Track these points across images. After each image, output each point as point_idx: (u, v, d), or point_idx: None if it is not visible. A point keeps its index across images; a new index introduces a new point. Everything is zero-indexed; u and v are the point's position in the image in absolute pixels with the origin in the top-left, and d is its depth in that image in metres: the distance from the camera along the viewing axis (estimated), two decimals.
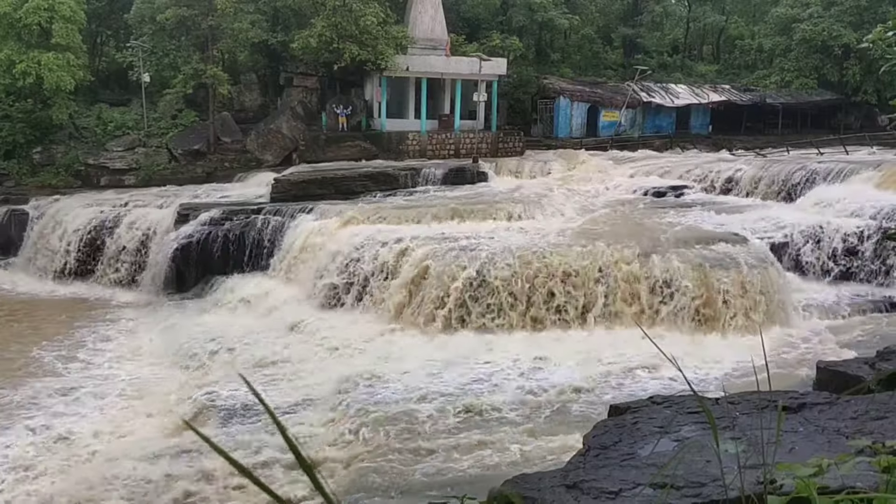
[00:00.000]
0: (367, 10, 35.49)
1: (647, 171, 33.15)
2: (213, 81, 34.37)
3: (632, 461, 3.79)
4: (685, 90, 47.45)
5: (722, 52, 57.20)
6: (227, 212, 25.74)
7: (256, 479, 1.30)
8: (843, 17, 47.00)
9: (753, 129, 48.20)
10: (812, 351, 15.93)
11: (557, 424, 13.11)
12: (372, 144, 36.91)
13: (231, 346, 18.20)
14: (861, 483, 2.64)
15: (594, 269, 18.64)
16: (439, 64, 38.62)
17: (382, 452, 12.32)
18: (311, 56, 36.55)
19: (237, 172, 34.83)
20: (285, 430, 1.30)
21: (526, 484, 3.68)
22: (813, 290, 19.99)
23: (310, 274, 21.76)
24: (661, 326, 17.75)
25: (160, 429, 14.41)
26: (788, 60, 49.42)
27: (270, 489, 1.32)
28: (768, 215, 23.65)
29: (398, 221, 23.23)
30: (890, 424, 4.04)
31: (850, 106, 48.84)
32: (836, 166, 27.48)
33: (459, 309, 18.38)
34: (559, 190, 30.09)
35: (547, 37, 49.50)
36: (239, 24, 35.58)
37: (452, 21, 41.97)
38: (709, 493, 3.12)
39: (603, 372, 15.36)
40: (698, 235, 20.80)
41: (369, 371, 15.82)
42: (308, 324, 19.49)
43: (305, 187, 28.53)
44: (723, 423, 4.03)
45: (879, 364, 7.05)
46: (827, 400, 4.67)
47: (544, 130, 45.04)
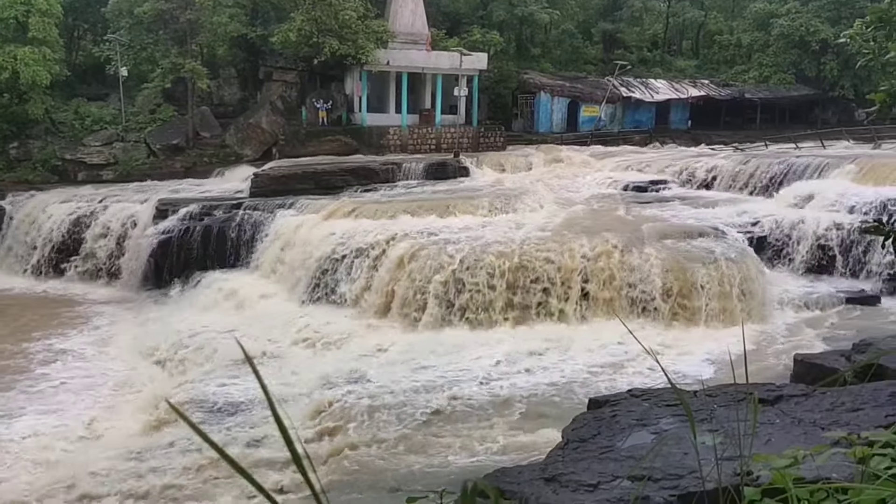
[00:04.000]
0: (346, 4, 35.34)
1: (627, 166, 33.32)
2: (192, 76, 34.08)
3: (610, 454, 3.80)
4: (665, 85, 47.67)
5: (701, 48, 57.47)
6: (206, 207, 25.56)
7: (241, 467, 1.30)
8: (821, 13, 47.41)
9: (732, 124, 48.53)
10: (789, 344, 16.07)
11: (538, 418, 13.15)
12: (352, 139, 36.78)
13: (211, 342, 18.07)
14: (836, 474, 2.67)
15: (575, 263, 18.70)
16: (420, 58, 38.53)
17: (365, 447, 12.32)
18: (291, 50, 36.34)
19: (216, 167, 34.59)
20: (280, 420, 1.30)
21: (506, 477, 3.69)
22: (790, 284, 20.16)
23: (291, 269, 21.68)
24: (641, 319, 17.86)
25: (139, 425, 14.32)
26: (767, 56, 49.79)
27: (253, 478, 1.31)
28: (747, 209, 23.83)
29: (379, 216, 23.16)
30: (865, 416, 4.09)
31: (828, 101, 49.29)
32: (813, 161, 27.74)
33: (441, 303, 18.38)
34: (540, 184, 30.15)
35: (527, 31, 49.51)
36: (218, 18, 35.31)
37: (433, 15, 41.87)
38: (686, 485, 3.14)
39: (583, 365, 15.43)
40: (677, 230, 20.91)
41: (351, 366, 15.81)
42: (290, 319, 19.41)
43: (285, 182, 28.41)
44: (700, 415, 4.05)
45: (855, 356, 7.12)
46: (803, 392, 4.71)
47: (525, 125, 45.10)
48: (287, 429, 1.32)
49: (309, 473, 1.28)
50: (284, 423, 1.36)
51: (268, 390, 1.30)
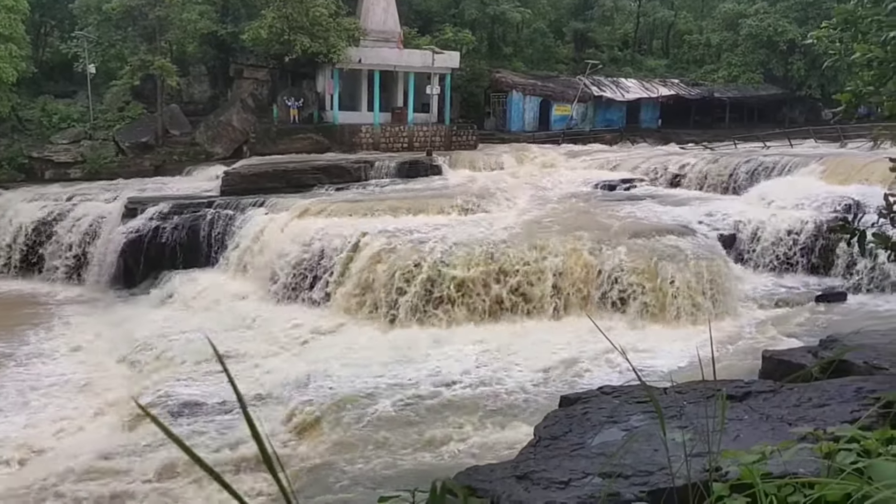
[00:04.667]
0: (317, 1, 35.19)
1: (599, 165, 33.56)
2: (161, 73, 33.73)
3: (581, 451, 3.83)
4: (635, 84, 48.03)
5: (671, 47, 57.99)
6: (176, 205, 25.29)
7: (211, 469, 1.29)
8: (789, 13, 48.04)
9: (702, 123, 49.03)
10: (758, 340, 16.25)
11: (511, 416, 13.19)
12: (324, 137, 36.62)
13: (182, 342, 17.89)
14: (803, 469, 2.70)
15: (547, 261, 18.78)
16: (392, 56, 38.46)
17: (337, 447, 12.28)
18: (262, 48, 36.12)
19: (186, 165, 34.30)
20: (251, 419, 1.29)
21: (478, 476, 3.70)
22: (759, 281, 20.41)
23: (262, 268, 21.55)
24: (612, 317, 17.97)
25: (109, 426, 14.16)
26: (735, 55, 50.36)
27: (224, 480, 1.30)
28: (716, 208, 24.07)
29: (351, 215, 23.09)
30: (831, 411, 4.15)
31: (795, 100, 49.95)
32: (781, 159, 28.10)
33: (414, 302, 18.36)
34: (512, 183, 30.25)
35: (499, 30, 49.64)
36: (187, 15, 34.96)
37: (404, 14, 41.82)
38: (656, 482, 3.17)
39: (555, 362, 15.49)
40: (648, 228, 21.08)
41: (323, 365, 15.74)
42: (261, 318, 19.29)
43: (256, 180, 28.22)
44: (670, 412, 4.09)
45: (822, 352, 7.22)
46: (771, 388, 4.77)
47: (497, 124, 45.21)
48: (257, 428, 1.31)
49: (279, 474, 1.27)
50: (255, 423, 1.35)
51: (238, 389, 1.29)
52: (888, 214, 5.17)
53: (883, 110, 5.41)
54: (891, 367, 5.99)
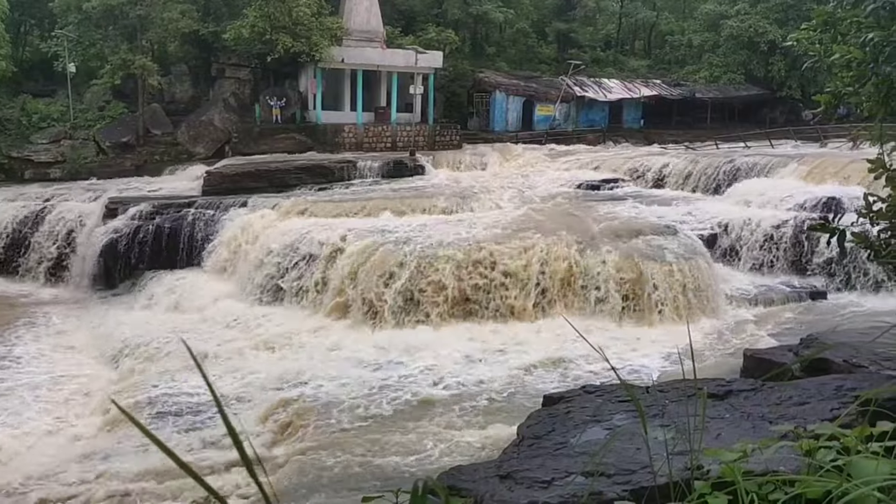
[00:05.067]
0: (300, 0, 35.08)
1: (582, 165, 33.66)
2: (142, 72, 33.53)
3: (564, 450, 3.84)
4: (617, 85, 48.21)
5: (653, 48, 58.26)
6: (157, 205, 25.13)
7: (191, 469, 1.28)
8: (769, 14, 48.38)
9: (683, 123, 49.27)
10: (739, 339, 16.38)
11: (495, 415, 13.20)
12: (307, 137, 36.52)
13: (163, 343, 17.78)
14: (784, 466, 2.72)
15: (530, 261, 18.81)
16: (375, 56, 38.41)
17: (320, 448, 12.24)
18: (244, 47, 35.98)
19: (168, 165, 34.11)
20: (229, 421, 1.28)
21: (461, 475, 3.70)
22: (740, 281, 20.55)
23: (244, 269, 21.45)
24: (595, 317, 18.03)
25: (91, 428, 14.04)
26: (717, 56, 50.66)
27: (204, 480, 1.29)
28: (697, 208, 24.23)
29: (334, 215, 23.04)
30: (811, 409, 4.18)
31: (776, 101, 50.30)
32: (762, 160, 28.31)
33: (397, 303, 18.34)
34: (496, 182, 30.29)
35: (482, 30, 49.69)
36: (169, 14, 34.76)
37: (388, 13, 41.78)
38: (639, 480, 3.18)
39: (539, 362, 15.53)
40: (630, 228, 21.16)
41: (306, 366, 15.69)
42: (244, 319, 19.20)
43: (238, 180, 28.10)
44: (652, 411, 4.11)
45: (802, 351, 7.28)
46: (752, 387, 4.81)
47: (480, 124, 45.24)
48: (235, 430, 1.31)
49: (259, 475, 1.27)
50: (236, 425, 1.35)
51: (215, 391, 1.29)
52: (868, 214, 5.22)
53: (862, 111, 5.46)
54: (870, 365, 6.05)
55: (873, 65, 4.99)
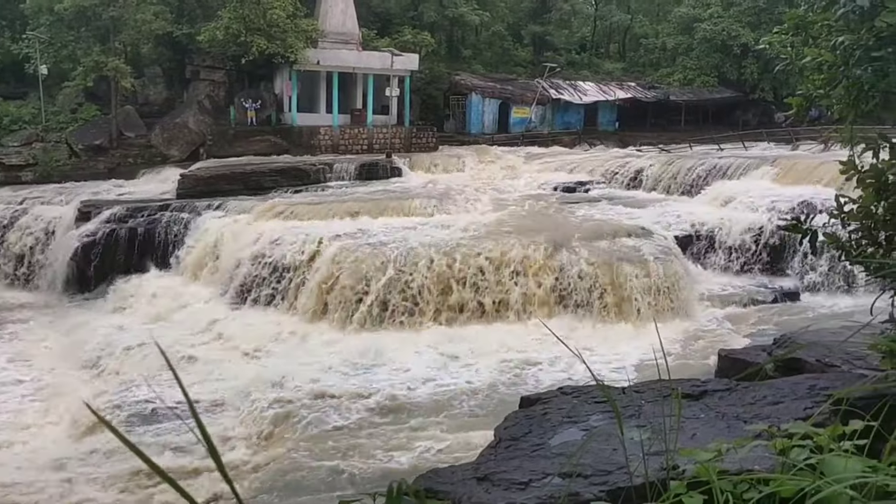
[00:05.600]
0: (275, 2, 34.90)
1: (557, 167, 33.80)
2: (115, 74, 33.17)
3: (541, 451, 3.85)
4: (593, 87, 48.46)
5: (628, 50, 58.62)
6: (131, 209, 24.90)
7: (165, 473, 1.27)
8: (742, 18, 48.85)
9: (658, 126, 49.62)
10: (714, 339, 16.51)
11: (473, 418, 13.22)
12: (282, 139, 36.34)
13: (137, 347, 17.61)
14: (759, 465, 2.75)
15: (507, 263, 18.85)
16: (351, 58, 38.32)
17: (297, 451, 12.18)
18: (218, 49, 35.72)
19: (141, 168, 33.78)
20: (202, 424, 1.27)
21: (439, 478, 3.70)
22: (714, 282, 20.72)
23: (220, 272, 21.30)
24: (571, 318, 18.11)
25: (63, 434, 13.87)
26: (690, 59, 51.06)
27: (177, 483, 1.28)
28: (671, 209, 24.42)
29: (310, 217, 22.94)
30: (784, 408, 4.23)
31: (749, 103, 50.79)
32: (735, 162, 28.58)
33: (374, 305, 18.29)
34: (473, 185, 30.33)
35: (458, 33, 49.75)
36: (142, 16, 34.43)
37: (363, 15, 41.70)
38: (615, 481, 3.20)
39: (517, 364, 15.57)
40: (606, 229, 21.28)
41: (283, 370, 15.60)
42: (219, 323, 19.05)
43: (213, 183, 27.92)
44: (629, 411, 4.13)
45: (776, 351, 7.35)
46: (727, 387, 4.85)
47: (457, 126, 45.29)
48: (208, 433, 1.30)
49: (233, 481, 1.26)
50: (210, 430, 1.33)
51: (188, 395, 1.27)
52: (839, 215, 5.28)
53: (833, 113, 5.53)
54: (842, 365, 6.12)
55: (843, 68, 5.05)
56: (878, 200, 4.98)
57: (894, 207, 4.90)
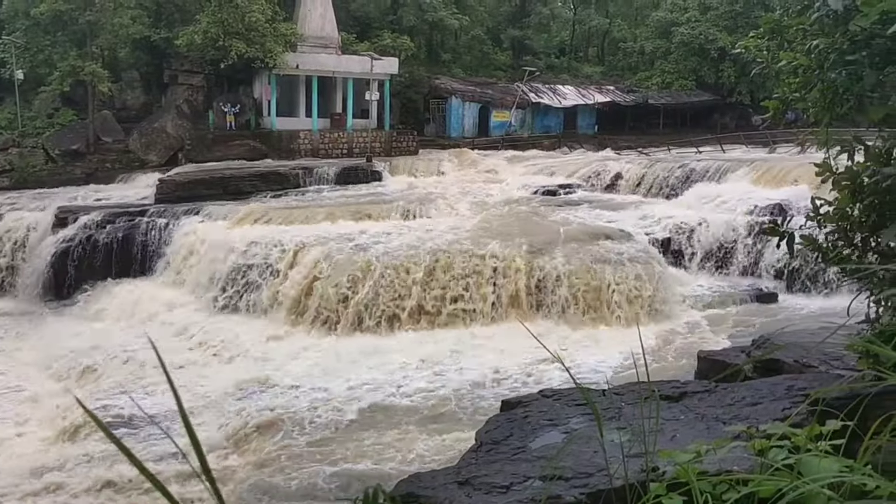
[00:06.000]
0: (254, 6, 34.82)
1: (538, 171, 33.89)
2: (92, 79, 32.93)
3: (522, 454, 3.85)
4: (572, 91, 48.68)
5: (606, 54, 58.93)
6: (109, 214, 24.68)
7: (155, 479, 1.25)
8: (719, 22, 49.27)
9: (637, 129, 49.92)
10: (693, 341, 16.59)
11: (454, 422, 13.21)
12: (262, 143, 36.21)
13: (116, 353, 17.45)
14: (737, 466, 2.76)
15: (488, 267, 18.87)
16: (330, 62, 38.27)
17: (279, 457, 12.12)
18: (197, 53, 35.56)
19: (119, 173, 33.55)
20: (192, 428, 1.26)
21: (420, 482, 3.69)
22: (694, 283, 20.85)
23: (199, 278, 21.16)
24: (552, 320, 18.15)
25: (40, 442, 13.72)
26: (668, 62, 51.43)
27: (163, 486, 1.27)
28: (651, 212, 24.55)
29: (290, 222, 22.86)
30: (763, 409, 4.26)
31: (726, 106, 51.21)
32: (713, 164, 28.79)
33: (356, 310, 18.25)
34: (453, 188, 30.35)
35: (438, 37, 49.83)
36: (119, 20, 34.22)
37: (343, 19, 41.67)
38: (596, 483, 3.21)
39: (498, 367, 15.56)
40: (586, 232, 21.36)
41: (264, 375, 15.52)
42: (199, 329, 18.92)
43: (192, 188, 27.74)
44: (609, 413, 4.15)
45: (754, 352, 7.40)
46: (706, 388, 4.88)
47: (437, 130, 45.34)
48: (198, 438, 1.29)
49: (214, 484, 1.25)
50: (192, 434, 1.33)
51: (179, 398, 1.26)
52: (815, 217, 5.33)
53: (809, 116, 5.58)
54: (820, 365, 6.17)
55: (819, 71, 5.10)
56: (853, 202, 5.03)
57: (869, 209, 4.95)
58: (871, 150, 4.88)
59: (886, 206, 4.78)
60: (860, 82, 4.76)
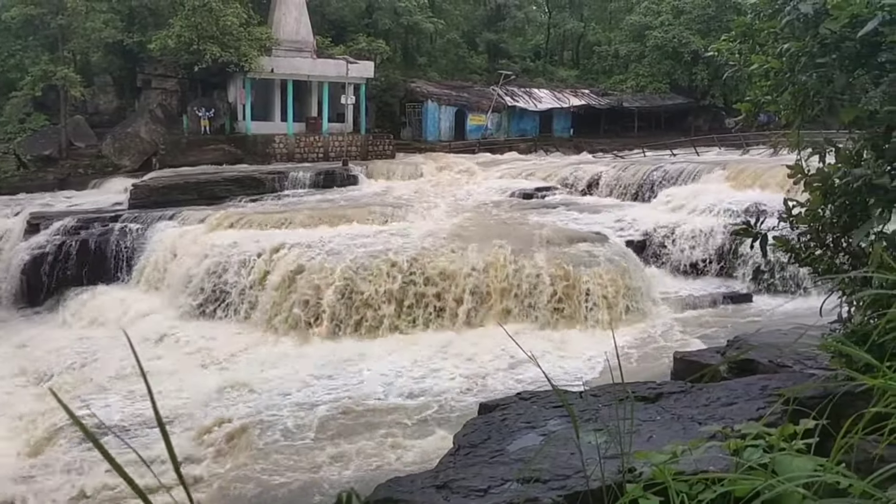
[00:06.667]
0: (228, 10, 34.64)
1: (514, 174, 34.00)
2: (65, 83, 32.62)
3: (500, 457, 3.85)
4: (547, 94, 48.91)
5: (581, 58, 59.26)
6: (82, 220, 24.44)
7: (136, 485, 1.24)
8: (692, 25, 49.75)
9: (612, 132, 50.25)
10: (669, 342, 16.69)
11: (434, 425, 13.18)
12: (237, 148, 36.01)
13: (91, 361, 17.26)
14: (713, 466, 2.78)
15: (465, 270, 18.88)
16: (305, 66, 38.16)
17: (256, 464, 12.03)
18: (171, 57, 35.33)
19: (93, 179, 33.24)
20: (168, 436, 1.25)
21: (399, 487, 3.68)
22: (669, 285, 20.98)
23: (174, 283, 20.98)
24: (530, 324, 18.18)
25: (14, 451, 13.52)
26: (642, 66, 51.84)
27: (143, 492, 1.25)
28: (626, 214, 24.69)
29: (266, 227, 22.74)
30: (738, 409, 4.29)
31: (700, 109, 51.69)
32: (687, 166, 29.02)
33: (332, 314, 18.18)
34: (430, 192, 30.36)
35: (413, 41, 49.84)
36: (91, 24, 33.94)
37: (318, 23, 41.57)
38: (573, 485, 3.21)
39: (475, 370, 15.57)
40: (562, 235, 21.43)
41: (240, 381, 15.41)
42: (175, 335, 18.76)
43: (167, 193, 27.54)
44: (586, 415, 4.16)
45: (729, 352, 7.45)
46: (681, 389, 4.91)
47: (413, 133, 45.37)
48: (172, 446, 1.27)
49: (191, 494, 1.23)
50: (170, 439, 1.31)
51: (156, 405, 1.25)
52: (788, 218, 5.39)
53: (780, 118, 5.64)
54: (794, 365, 6.23)
55: (790, 74, 5.15)
56: (824, 203, 5.09)
57: (840, 210, 5.01)
58: (842, 152, 4.94)
59: (857, 206, 4.84)
60: (830, 85, 4.82)
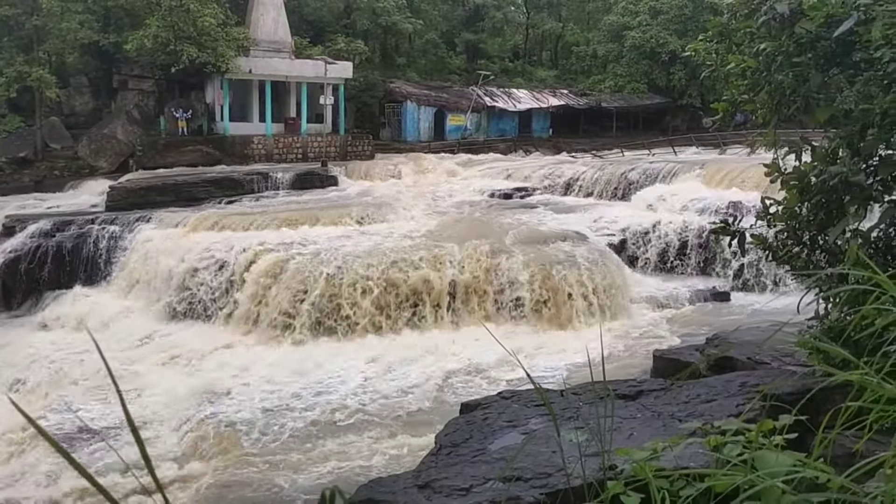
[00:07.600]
0: (205, 10, 34.40)
1: (494, 174, 34.06)
2: (40, 84, 32.26)
3: (482, 456, 3.86)
4: (526, 95, 49.01)
5: (560, 58, 59.43)
6: (58, 223, 24.18)
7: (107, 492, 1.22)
8: (669, 26, 50.05)
9: (590, 132, 50.45)
10: (649, 340, 16.78)
11: (415, 426, 13.16)
12: (215, 149, 35.77)
13: (67, 365, 17.08)
14: (694, 462, 2.80)
15: (445, 270, 18.88)
16: (283, 66, 38.00)
17: (234, 467, 11.96)
18: (147, 58, 35.04)
19: (69, 181, 32.90)
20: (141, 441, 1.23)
21: (381, 487, 3.67)
22: (648, 284, 21.09)
23: (152, 285, 20.81)
24: (510, 323, 18.22)
25: None
26: (621, 66, 52.09)
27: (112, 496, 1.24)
28: (605, 214, 24.81)
29: (245, 228, 22.61)
30: (718, 406, 4.32)
31: (677, 109, 52.02)
32: (665, 166, 29.21)
33: (311, 316, 18.10)
34: (409, 193, 30.33)
35: (392, 41, 49.78)
36: (67, 24, 33.56)
37: (295, 24, 41.40)
38: (555, 483, 3.22)
39: (456, 370, 15.57)
40: (542, 235, 21.50)
41: (219, 384, 15.30)
42: (152, 337, 18.61)
43: (144, 195, 27.32)
44: (567, 413, 4.17)
45: (708, 350, 7.51)
46: (662, 386, 4.94)
47: (393, 134, 45.30)
48: (146, 450, 1.26)
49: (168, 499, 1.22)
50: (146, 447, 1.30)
51: (127, 410, 1.24)
52: (765, 216, 5.44)
53: (757, 118, 5.69)
54: (772, 362, 6.29)
55: (766, 73, 5.20)
56: (801, 202, 5.14)
57: (817, 208, 5.06)
58: (818, 150, 4.99)
59: (833, 204, 4.89)
60: (806, 84, 4.87)
